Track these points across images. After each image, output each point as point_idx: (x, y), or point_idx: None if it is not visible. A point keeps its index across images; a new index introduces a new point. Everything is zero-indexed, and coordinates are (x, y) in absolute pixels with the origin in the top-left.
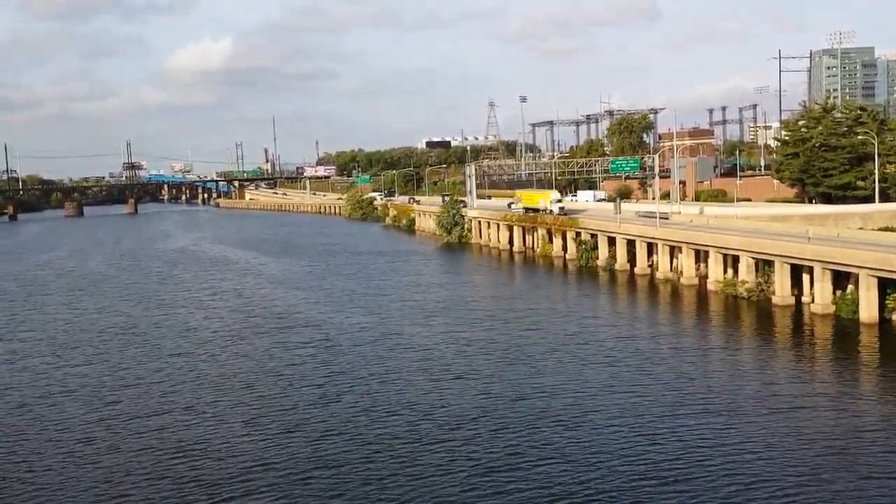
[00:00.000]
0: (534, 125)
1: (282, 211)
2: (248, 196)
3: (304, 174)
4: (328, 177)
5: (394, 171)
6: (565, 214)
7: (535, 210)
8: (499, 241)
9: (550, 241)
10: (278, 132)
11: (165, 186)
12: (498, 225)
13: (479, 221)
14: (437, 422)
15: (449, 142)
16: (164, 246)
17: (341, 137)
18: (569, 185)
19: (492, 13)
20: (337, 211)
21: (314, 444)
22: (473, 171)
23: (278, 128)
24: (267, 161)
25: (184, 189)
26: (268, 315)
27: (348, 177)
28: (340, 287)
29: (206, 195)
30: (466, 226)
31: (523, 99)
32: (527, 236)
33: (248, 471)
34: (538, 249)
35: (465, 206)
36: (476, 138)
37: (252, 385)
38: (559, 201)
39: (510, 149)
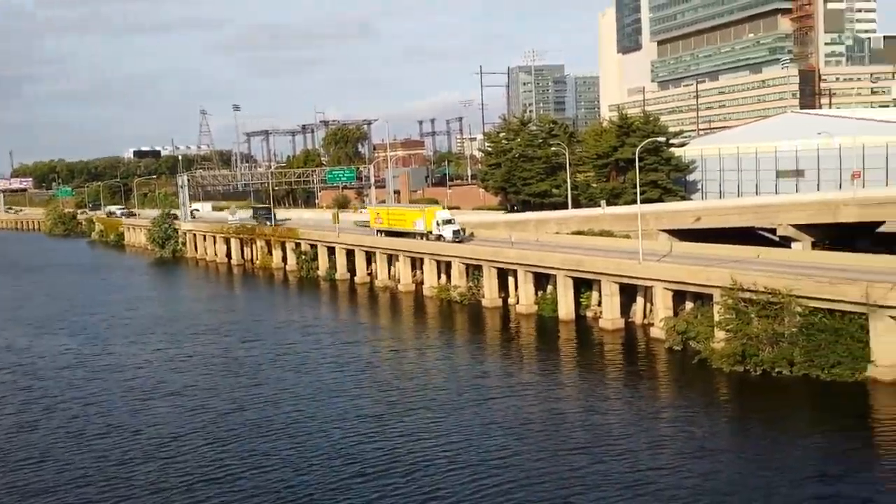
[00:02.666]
0: (249, 134)
1: None
2: None
3: None
4: (24, 189)
5: (99, 183)
6: (460, 242)
7: (405, 234)
8: (216, 254)
9: (270, 252)
10: None
11: None
12: (214, 237)
13: (195, 234)
14: (149, 440)
15: (159, 151)
16: None
17: (40, 148)
18: (286, 196)
19: (209, 22)
20: (37, 226)
21: (10, 474)
22: (186, 182)
23: None
24: None
25: None
26: None
27: (48, 189)
28: (42, 308)
29: None
30: (181, 239)
31: (237, 108)
32: (245, 249)
33: None
34: (257, 262)
35: (178, 219)
36: (189, 147)
37: None
38: (450, 222)
39: (225, 158)
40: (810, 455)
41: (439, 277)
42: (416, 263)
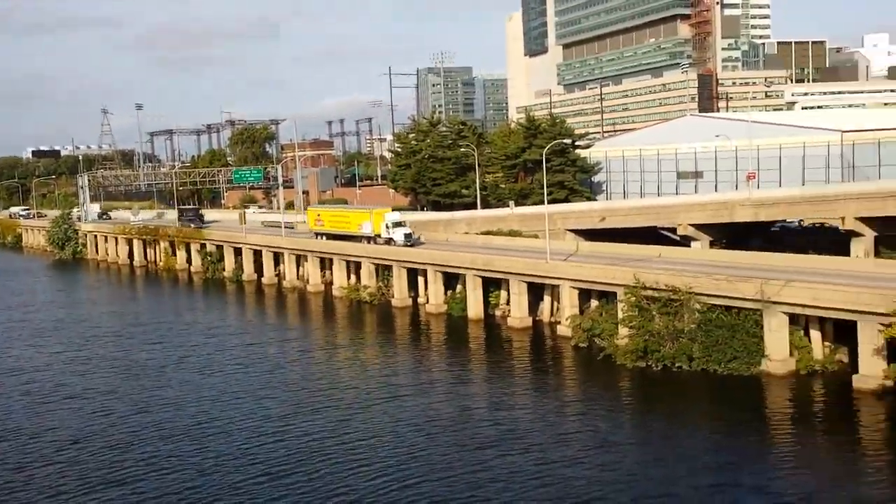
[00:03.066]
0: (152, 134)
1: None
2: None
3: None
4: None
5: None
6: (412, 245)
7: (348, 238)
8: (118, 255)
9: (174, 254)
10: None
11: None
12: (116, 239)
13: (96, 235)
14: (49, 443)
15: (59, 151)
16: None
17: None
18: (191, 196)
19: (110, 20)
20: None
21: None
22: (87, 182)
23: None
24: None
25: None
26: None
27: None
28: None
29: None
30: (81, 240)
31: (139, 107)
32: (148, 250)
33: None
34: (161, 263)
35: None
36: (90, 147)
37: None
38: (401, 224)
39: (127, 158)
40: (707, 445)
41: (349, 278)
42: (326, 263)
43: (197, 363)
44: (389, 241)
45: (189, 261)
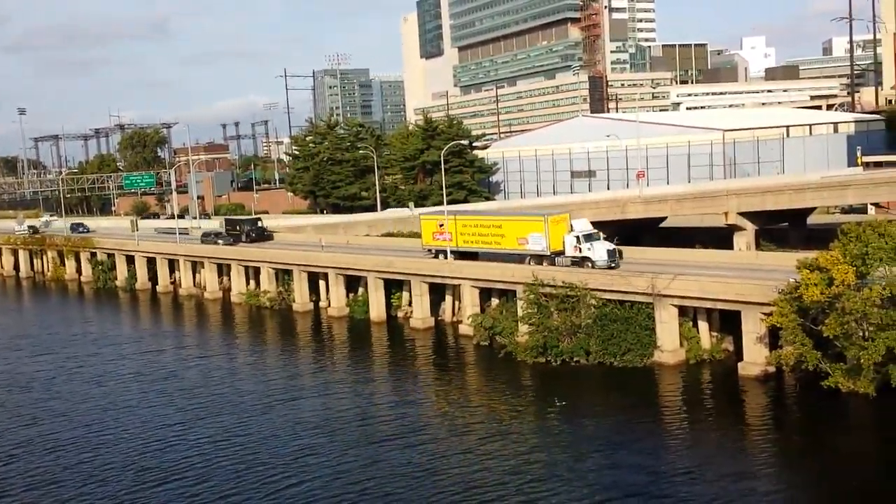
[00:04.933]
0: (37, 139)
1: None
2: None
3: None
4: None
5: None
6: (616, 267)
7: (501, 257)
8: (2, 266)
9: (63, 263)
10: None
11: None
12: (0, 249)
13: None
14: None
15: None
16: None
17: None
18: (80, 203)
19: None
20: None
21: None
22: None
23: None
24: None
25: None
26: None
27: None
28: None
29: None
30: None
31: (22, 111)
32: (35, 260)
33: None
34: (49, 273)
35: None
36: None
37: None
38: (594, 238)
39: (10, 165)
40: (600, 433)
41: (248, 283)
42: (223, 270)
43: (89, 374)
44: (582, 262)
45: (79, 271)
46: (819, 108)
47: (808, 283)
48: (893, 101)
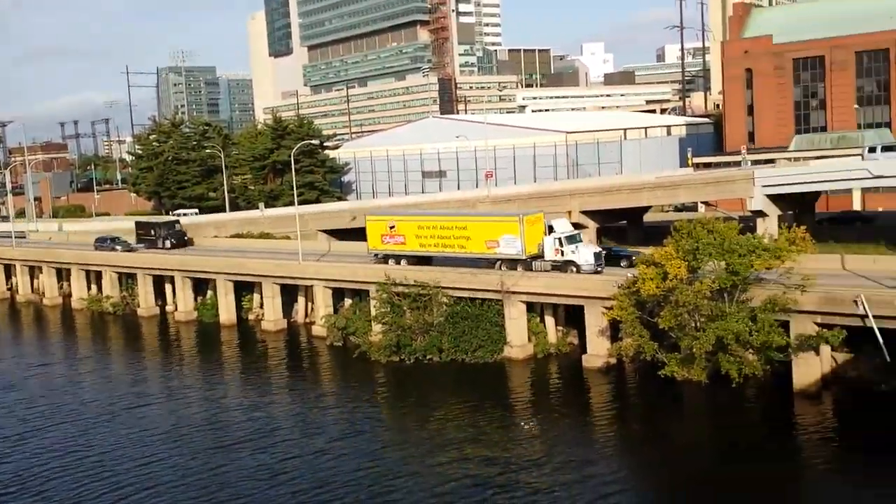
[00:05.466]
0: None
1: None
2: None
3: None
4: None
5: None
6: (601, 272)
7: (466, 262)
8: None
9: None
10: None
11: None
12: None
13: None
14: None
15: None
16: None
17: None
18: None
19: None
20: None
21: None
22: None
23: None
24: None
25: None
26: None
27: None
28: None
29: None
30: None
31: None
32: None
33: None
34: None
35: None
36: None
37: None
38: (576, 239)
39: None
40: (451, 428)
41: (89, 288)
42: (63, 274)
43: None
44: (565, 267)
45: None
46: (654, 111)
47: (645, 277)
48: (720, 106)
